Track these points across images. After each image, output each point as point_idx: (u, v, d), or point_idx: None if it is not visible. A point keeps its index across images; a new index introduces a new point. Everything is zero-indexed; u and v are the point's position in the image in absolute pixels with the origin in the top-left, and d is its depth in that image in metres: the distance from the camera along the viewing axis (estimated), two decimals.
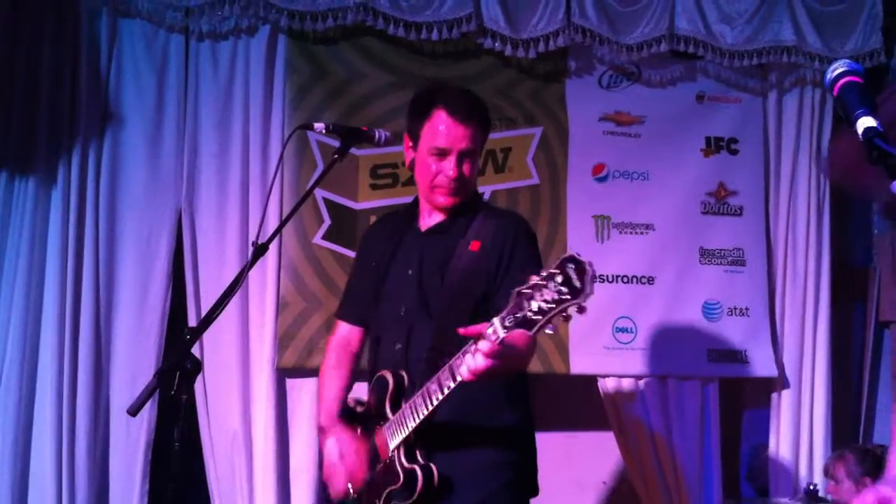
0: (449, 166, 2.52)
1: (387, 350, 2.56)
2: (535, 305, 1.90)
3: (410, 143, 2.61)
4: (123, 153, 3.75)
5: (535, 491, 2.58)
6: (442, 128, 2.51)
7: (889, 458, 2.24)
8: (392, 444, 2.37)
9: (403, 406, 2.36)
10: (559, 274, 1.87)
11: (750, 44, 4.14)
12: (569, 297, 1.87)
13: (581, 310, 1.89)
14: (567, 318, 1.91)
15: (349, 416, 2.61)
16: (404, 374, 2.45)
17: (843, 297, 4.44)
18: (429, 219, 2.64)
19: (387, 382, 2.44)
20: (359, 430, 2.54)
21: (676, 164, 4.19)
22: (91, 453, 3.59)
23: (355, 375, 2.77)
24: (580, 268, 1.86)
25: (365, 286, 2.72)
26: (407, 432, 2.32)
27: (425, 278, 2.54)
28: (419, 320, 2.51)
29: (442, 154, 2.52)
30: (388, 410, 2.42)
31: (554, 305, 1.88)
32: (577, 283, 1.86)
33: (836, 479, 3.58)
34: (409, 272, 2.58)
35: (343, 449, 2.52)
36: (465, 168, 2.54)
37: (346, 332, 2.81)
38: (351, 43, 3.92)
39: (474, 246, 2.52)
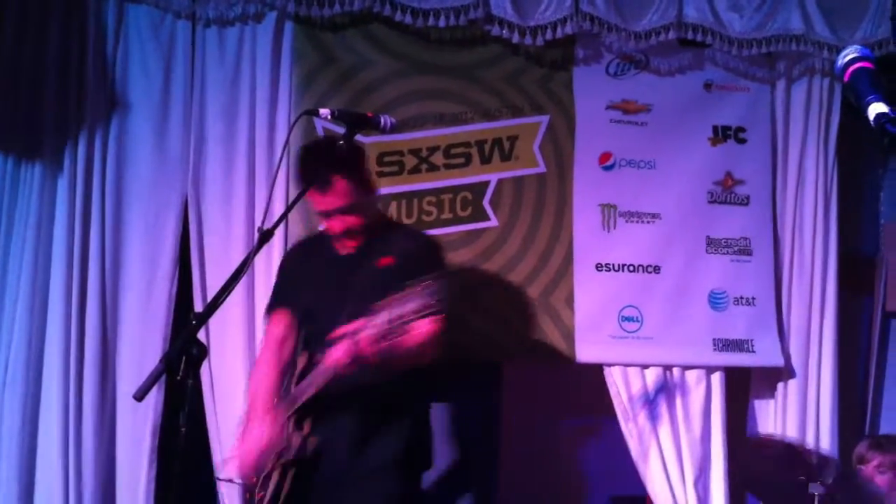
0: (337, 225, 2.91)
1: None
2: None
3: None
4: (130, 139, 3.75)
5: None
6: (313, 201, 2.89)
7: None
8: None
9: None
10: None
11: (758, 32, 4.12)
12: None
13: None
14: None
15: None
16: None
17: (850, 287, 4.42)
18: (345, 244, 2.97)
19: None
20: None
21: (683, 152, 4.17)
22: (98, 437, 3.60)
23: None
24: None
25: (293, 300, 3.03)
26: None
27: (348, 297, 2.78)
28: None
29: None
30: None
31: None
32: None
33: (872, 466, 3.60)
34: (332, 293, 2.86)
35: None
36: (348, 219, 2.88)
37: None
38: (358, 29, 3.91)
39: (385, 261, 2.85)
